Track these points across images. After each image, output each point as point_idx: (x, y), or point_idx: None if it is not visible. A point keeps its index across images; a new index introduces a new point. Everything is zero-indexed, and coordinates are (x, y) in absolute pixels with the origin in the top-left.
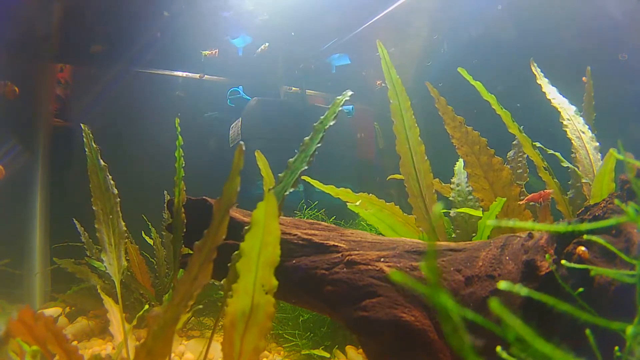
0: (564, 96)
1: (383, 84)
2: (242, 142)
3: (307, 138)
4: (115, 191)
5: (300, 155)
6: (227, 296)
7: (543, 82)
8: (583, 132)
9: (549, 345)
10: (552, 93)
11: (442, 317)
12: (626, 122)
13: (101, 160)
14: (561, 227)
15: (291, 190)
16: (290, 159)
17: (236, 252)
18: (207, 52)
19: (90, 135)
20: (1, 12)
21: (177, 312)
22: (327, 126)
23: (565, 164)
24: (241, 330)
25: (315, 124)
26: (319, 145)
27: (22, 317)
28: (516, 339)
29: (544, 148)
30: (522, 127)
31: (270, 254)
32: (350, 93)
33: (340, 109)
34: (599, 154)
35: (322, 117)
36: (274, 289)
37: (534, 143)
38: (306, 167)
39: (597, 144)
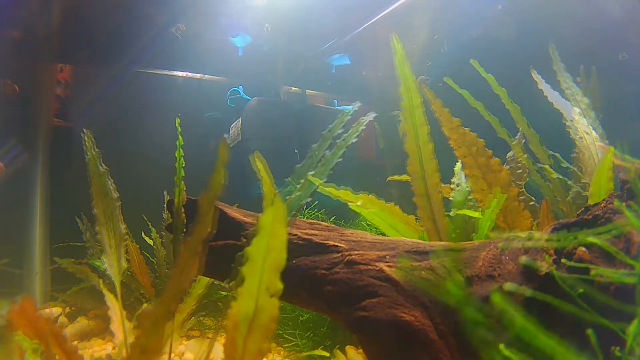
0: (566, 99)
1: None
2: (226, 136)
3: (328, 152)
4: (116, 195)
5: (320, 169)
6: (230, 299)
7: (545, 87)
8: (587, 133)
9: (551, 340)
10: (554, 97)
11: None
12: (626, 122)
13: (102, 165)
14: (565, 238)
15: (308, 200)
16: (311, 172)
17: (239, 253)
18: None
19: (92, 140)
20: (1, 12)
21: (168, 307)
22: (349, 143)
23: (565, 164)
24: (244, 333)
25: (337, 141)
26: (339, 160)
27: (24, 307)
28: (517, 336)
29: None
30: (521, 129)
31: (276, 258)
32: (359, 104)
33: (348, 114)
34: None
35: (345, 134)
36: (279, 292)
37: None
38: (325, 180)
39: (602, 144)
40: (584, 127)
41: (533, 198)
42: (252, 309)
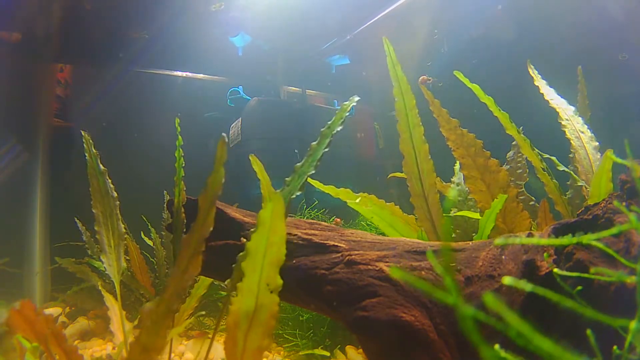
0: (562, 97)
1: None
2: (223, 135)
3: (314, 143)
4: (115, 194)
5: (308, 159)
6: (231, 296)
7: (541, 83)
8: (582, 132)
9: (548, 341)
10: (550, 94)
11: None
12: (626, 122)
13: (101, 165)
14: (565, 240)
15: (298, 193)
16: (298, 164)
17: (241, 253)
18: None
19: (90, 140)
20: (1, 12)
21: (170, 305)
22: (335, 131)
23: (561, 167)
24: (245, 329)
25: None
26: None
27: (23, 310)
28: (517, 336)
29: (540, 153)
30: (521, 127)
31: (275, 254)
32: (357, 98)
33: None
34: (599, 154)
35: (333, 125)
36: (278, 288)
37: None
38: (313, 172)
39: (597, 143)
40: (578, 126)
41: (533, 198)
42: (253, 306)
